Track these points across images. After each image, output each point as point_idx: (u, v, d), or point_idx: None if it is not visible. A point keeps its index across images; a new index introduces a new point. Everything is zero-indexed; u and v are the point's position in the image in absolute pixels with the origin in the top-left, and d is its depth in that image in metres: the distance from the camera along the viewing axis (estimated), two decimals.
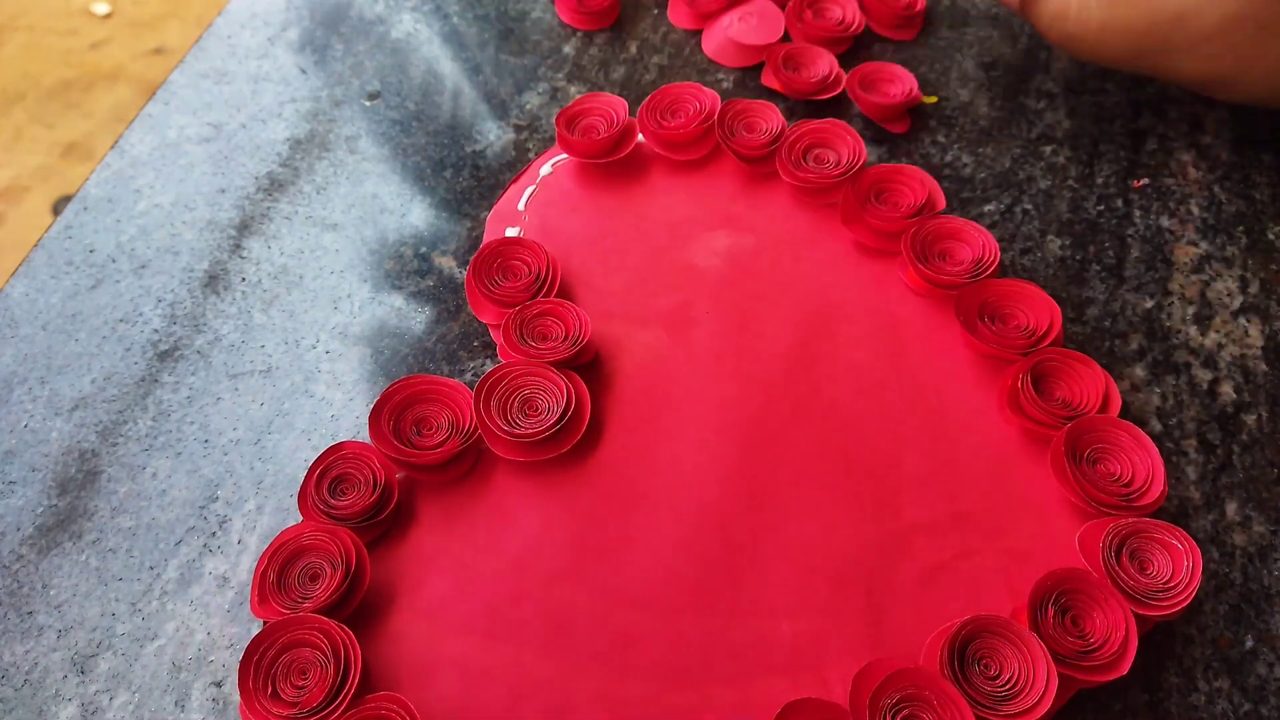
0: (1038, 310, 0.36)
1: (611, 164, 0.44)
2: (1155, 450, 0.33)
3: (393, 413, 0.35)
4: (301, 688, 0.29)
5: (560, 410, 0.35)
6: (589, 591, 0.32)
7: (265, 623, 0.31)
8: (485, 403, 0.34)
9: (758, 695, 0.30)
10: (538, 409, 0.35)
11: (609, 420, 0.36)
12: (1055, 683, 0.28)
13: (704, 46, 0.48)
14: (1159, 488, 0.32)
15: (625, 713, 0.30)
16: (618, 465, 0.35)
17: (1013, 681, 0.28)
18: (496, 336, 0.38)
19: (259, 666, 0.29)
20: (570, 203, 0.42)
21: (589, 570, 0.33)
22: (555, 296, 0.38)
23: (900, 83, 0.45)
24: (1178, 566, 0.30)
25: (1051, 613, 0.30)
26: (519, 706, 0.30)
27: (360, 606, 0.32)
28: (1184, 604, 0.30)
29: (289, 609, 0.31)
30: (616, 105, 0.44)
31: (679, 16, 0.50)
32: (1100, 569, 0.30)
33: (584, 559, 0.33)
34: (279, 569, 0.31)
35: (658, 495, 0.34)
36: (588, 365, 0.37)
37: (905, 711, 0.28)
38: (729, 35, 0.47)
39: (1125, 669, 0.29)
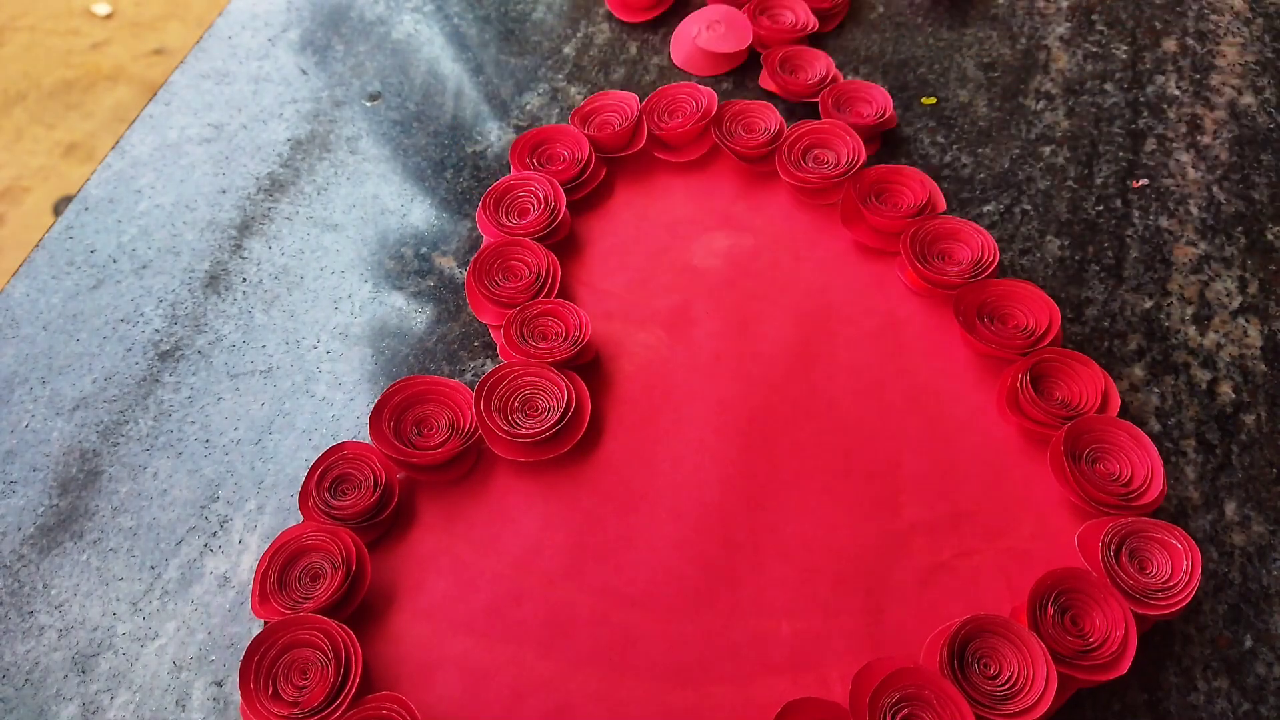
0: (1037, 310, 0.36)
1: (612, 164, 0.44)
2: (1154, 450, 0.33)
3: (393, 413, 0.35)
4: (302, 688, 0.29)
5: (560, 410, 0.35)
6: (589, 591, 0.32)
7: (266, 623, 0.31)
8: (486, 403, 0.35)
9: (758, 695, 0.30)
10: (538, 409, 0.35)
11: (609, 420, 0.36)
12: (1055, 682, 0.28)
13: (672, 56, 0.49)
14: (1158, 487, 0.32)
15: (625, 712, 0.30)
16: (618, 465, 0.35)
17: (1012, 681, 0.29)
18: (497, 337, 0.38)
19: (260, 666, 0.29)
20: (571, 204, 0.42)
21: (589, 570, 0.33)
22: (556, 297, 0.38)
23: (874, 104, 0.44)
24: (1177, 566, 0.30)
25: (1051, 612, 0.30)
26: (519, 706, 0.30)
27: (361, 606, 0.32)
28: (1183, 603, 0.30)
29: (290, 609, 0.31)
30: (628, 100, 0.44)
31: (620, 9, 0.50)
32: (1100, 568, 0.30)
33: (584, 559, 0.33)
34: (280, 569, 0.32)
35: (658, 495, 0.34)
36: (588, 365, 0.38)
37: (905, 711, 0.28)
38: (698, 44, 0.48)
39: (1125, 668, 0.29)
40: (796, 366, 0.37)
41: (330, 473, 0.34)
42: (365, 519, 0.33)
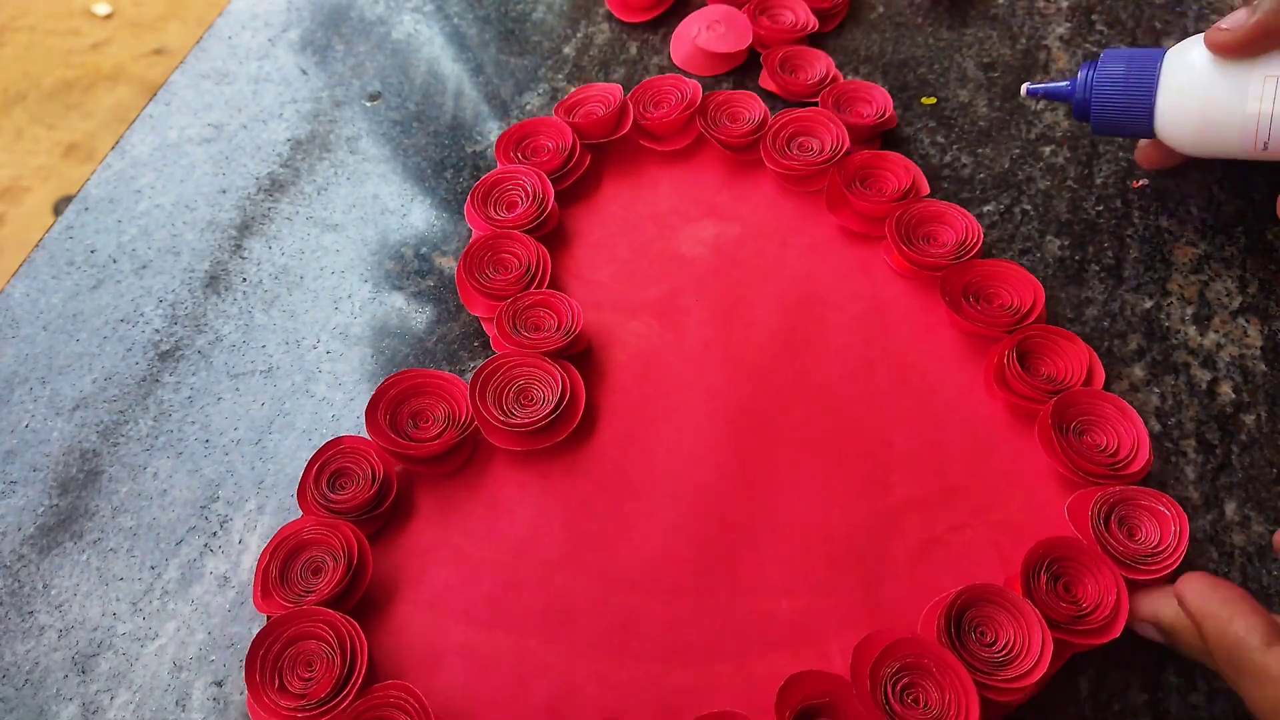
0: (1021, 289, 0.37)
1: (599, 156, 0.44)
2: (1139, 420, 0.33)
3: (389, 406, 0.35)
4: (309, 680, 0.29)
5: (555, 399, 0.35)
6: (589, 577, 0.33)
7: (269, 618, 0.31)
8: (481, 394, 0.35)
9: (760, 671, 0.31)
10: (533, 399, 0.35)
11: (603, 408, 0.37)
12: (1050, 647, 0.29)
13: (672, 55, 0.49)
14: (1144, 456, 0.33)
15: (630, 692, 0.30)
16: (613, 452, 0.36)
17: (1009, 647, 0.29)
18: (489, 329, 0.38)
19: (265, 660, 0.30)
20: (558, 196, 0.42)
21: (588, 556, 0.33)
22: (546, 288, 0.38)
23: (874, 104, 0.44)
24: (1165, 531, 0.31)
25: (1044, 580, 0.30)
26: (525, 691, 0.31)
27: (362, 600, 0.32)
28: (1172, 567, 0.30)
29: (292, 603, 0.31)
30: (611, 90, 0.44)
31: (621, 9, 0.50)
32: (1090, 536, 0.31)
33: (582, 545, 0.33)
34: (281, 563, 0.32)
35: (654, 480, 0.35)
36: (580, 355, 0.38)
37: (905, 680, 0.28)
38: (697, 44, 0.48)
39: (1118, 632, 0.29)
40: (785, 352, 0.38)
41: (328, 467, 0.34)
42: (364, 512, 0.33)
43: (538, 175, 0.41)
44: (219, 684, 0.32)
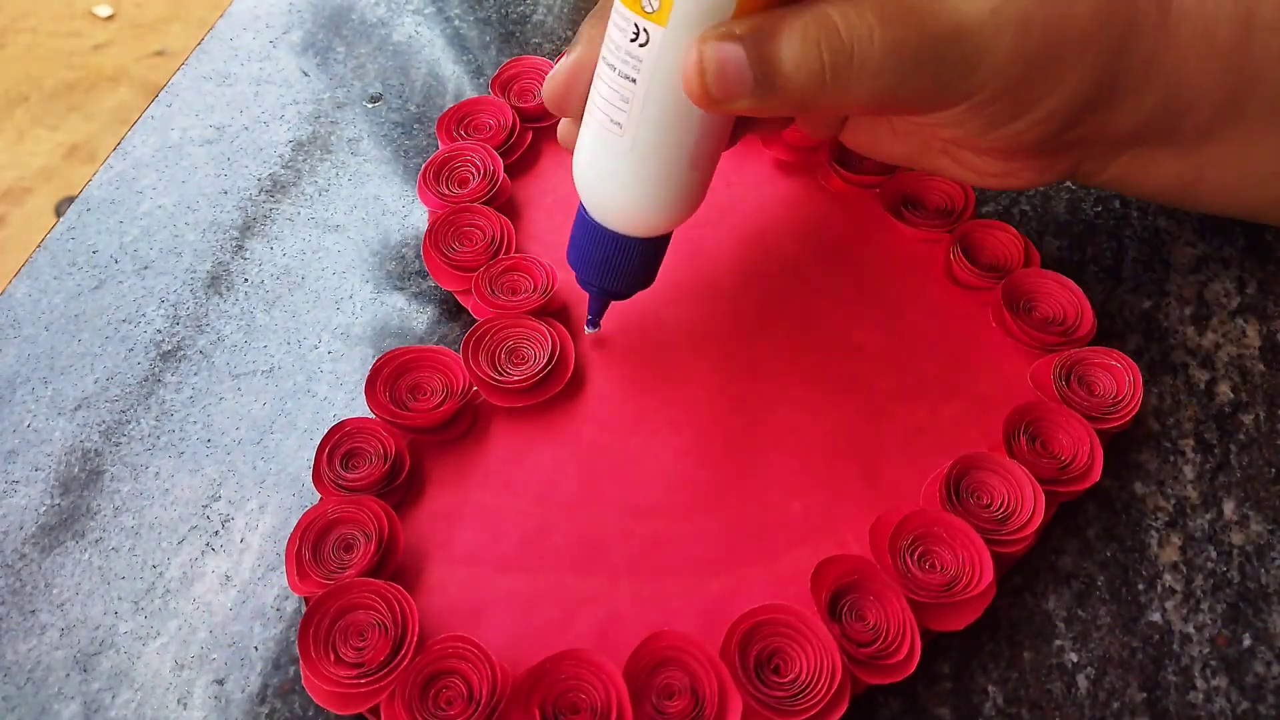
0: (953, 191, 0.40)
1: (538, 130, 0.45)
2: (1080, 290, 0.36)
3: (386, 382, 0.35)
4: (362, 648, 0.30)
5: (548, 354, 0.36)
6: (611, 510, 0.34)
7: (305, 600, 0.31)
8: (474, 357, 0.36)
9: (786, 568, 0.33)
10: (524, 357, 0.36)
11: (589, 358, 0.38)
12: (1042, 499, 0.31)
13: None
14: (1089, 320, 0.36)
15: (669, 607, 0.32)
16: (608, 394, 0.37)
17: (1005, 505, 0.32)
18: (466, 301, 0.39)
19: (316, 636, 0.30)
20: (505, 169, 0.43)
21: (606, 493, 0.35)
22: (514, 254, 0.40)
23: None
24: (1120, 383, 0.34)
25: (1024, 441, 0.33)
26: (570, 623, 0.32)
27: (397, 569, 0.32)
28: (1133, 412, 0.33)
29: (329, 580, 0.31)
30: (544, 65, 0.45)
31: None
32: (1055, 397, 0.34)
33: (599, 484, 0.35)
34: (312, 545, 0.32)
35: (652, 415, 0.36)
36: (556, 313, 0.39)
37: (920, 549, 0.31)
38: None
39: (1097, 476, 0.32)
40: (750, 279, 0.40)
41: (338, 450, 0.34)
42: (381, 487, 0.33)
43: (486, 150, 0.42)
44: (220, 682, 0.32)
